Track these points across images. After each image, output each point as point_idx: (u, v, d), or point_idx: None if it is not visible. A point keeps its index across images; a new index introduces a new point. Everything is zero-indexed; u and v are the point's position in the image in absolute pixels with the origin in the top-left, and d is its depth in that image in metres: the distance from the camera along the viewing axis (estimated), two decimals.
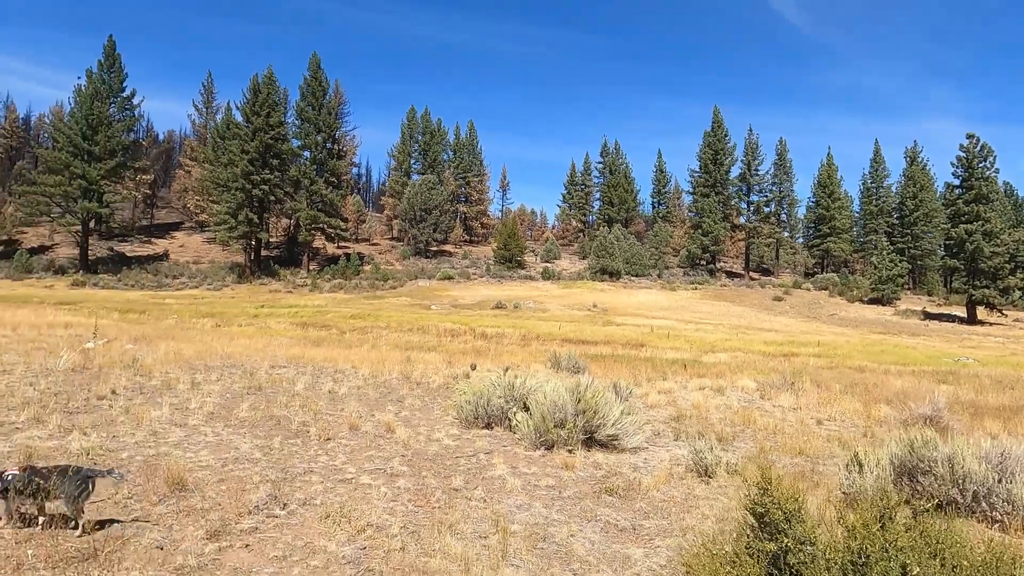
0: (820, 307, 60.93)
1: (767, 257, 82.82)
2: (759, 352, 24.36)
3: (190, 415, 6.57)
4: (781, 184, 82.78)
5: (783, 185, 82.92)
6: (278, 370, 11.86)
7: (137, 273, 55.00)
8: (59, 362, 10.70)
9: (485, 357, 17.42)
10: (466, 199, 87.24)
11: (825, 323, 50.10)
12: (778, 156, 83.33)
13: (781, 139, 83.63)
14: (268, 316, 31.26)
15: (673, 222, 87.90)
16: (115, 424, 5.92)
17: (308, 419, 6.78)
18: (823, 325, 47.85)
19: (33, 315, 23.93)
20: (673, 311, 50.44)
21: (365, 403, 8.18)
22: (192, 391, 8.39)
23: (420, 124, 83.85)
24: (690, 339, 28.76)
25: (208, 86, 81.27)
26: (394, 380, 11.21)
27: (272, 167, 59.33)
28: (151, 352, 13.95)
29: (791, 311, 58.25)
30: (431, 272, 62.27)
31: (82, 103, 57.71)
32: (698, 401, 9.67)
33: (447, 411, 7.87)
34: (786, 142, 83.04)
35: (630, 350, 22.57)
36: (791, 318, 53.53)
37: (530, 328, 30.29)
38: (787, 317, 54.18)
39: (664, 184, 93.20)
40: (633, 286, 65.98)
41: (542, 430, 5.80)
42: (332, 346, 18.48)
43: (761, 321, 48.43)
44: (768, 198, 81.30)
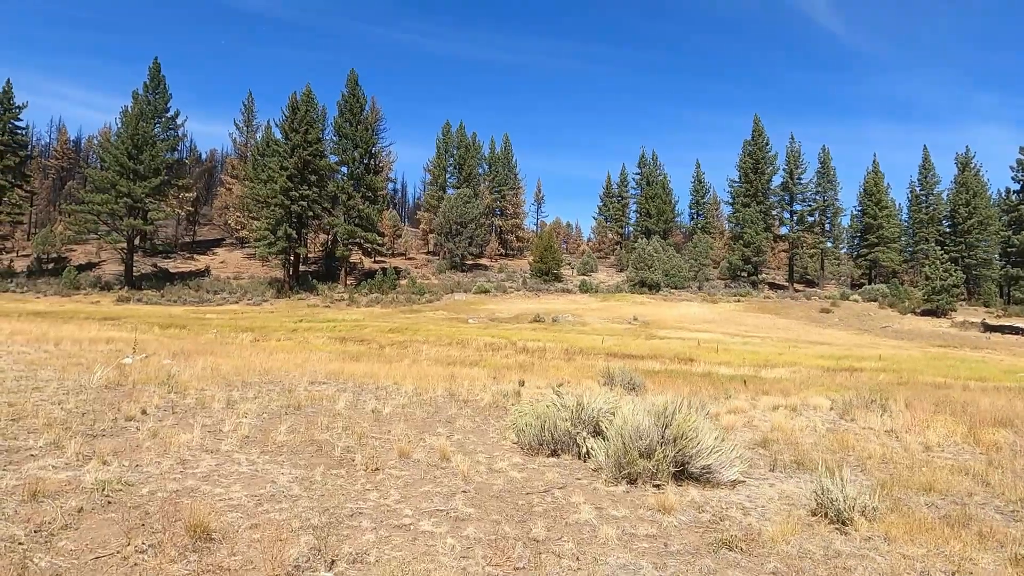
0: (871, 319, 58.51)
1: (811, 268, 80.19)
2: (817, 366, 22.99)
3: (223, 439, 5.90)
4: (825, 193, 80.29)
5: (827, 194, 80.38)
6: (317, 386, 11.23)
7: (180, 289, 55.77)
8: (93, 379, 10.25)
9: (531, 372, 16.61)
10: (501, 212, 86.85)
11: (878, 336, 47.92)
12: (821, 164, 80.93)
13: (824, 147, 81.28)
14: (307, 330, 30.98)
15: (712, 233, 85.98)
16: (140, 450, 5.27)
17: (352, 444, 6.05)
18: (877, 338, 45.72)
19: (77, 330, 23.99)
20: (717, 324, 48.89)
21: (413, 425, 7.43)
22: (227, 411, 7.76)
23: (455, 138, 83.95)
24: (740, 353, 27.45)
25: (248, 105, 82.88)
26: (440, 398, 10.46)
27: (310, 183, 59.78)
28: (188, 368, 13.50)
29: (840, 323, 56.07)
30: (467, 286, 61.79)
31: (128, 124, 59.14)
32: (778, 422, 8.67)
33: (504, 434, 7.07)
34: (829, 150, 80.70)
35: (681, 365, 21.47)
36: (841, 331, 51.43)
37: (572, 342, 29.37)
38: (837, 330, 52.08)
39: (703, 194, 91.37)
40: (673, 298, 64.45)
41: (623, 461, 4.94)
42: (372, 361, 17.89)
43: (810, 334, 46.55)
44: (812, 207, 78.91)
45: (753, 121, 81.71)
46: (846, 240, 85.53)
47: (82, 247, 66.59)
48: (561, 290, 64.39)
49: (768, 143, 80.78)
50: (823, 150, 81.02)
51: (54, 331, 22.42)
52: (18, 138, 62.01)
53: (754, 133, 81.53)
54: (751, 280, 73.26)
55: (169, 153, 63.83)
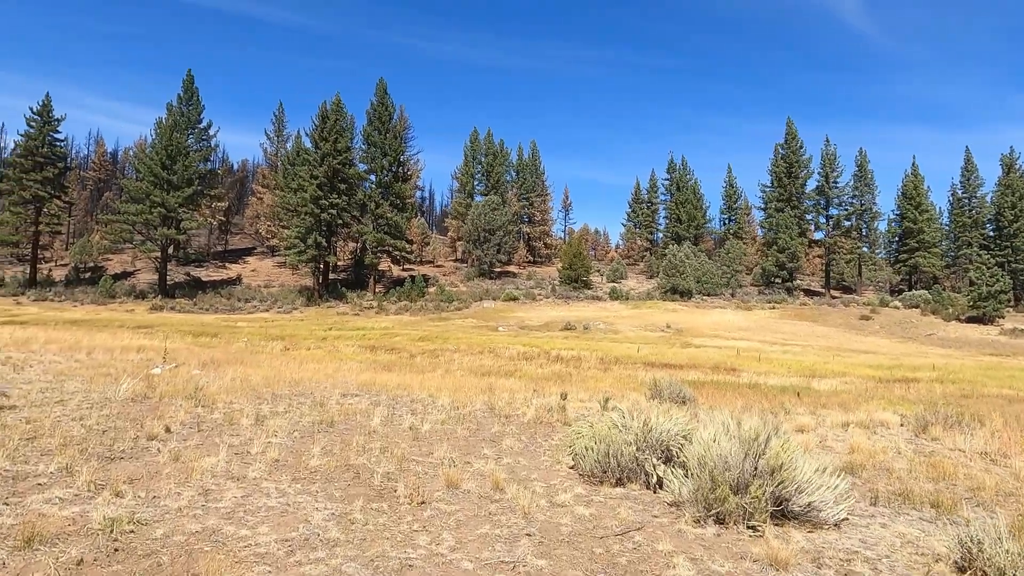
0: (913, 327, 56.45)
1: (848, 274, 77.93)
2: (868, 377, 21.83)
3: (251, 463, 5.31)
4: (862, 197, 78.03)
5: (864, 198, 78.10)
6: (350, 399, 10.67)
7: (212, 297, 56.19)
8: (118, 391, 9.84)
9: (569, 384, 15.88)
10: (529, 219, 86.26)
11: (924, 344, 46.09)
12: (858, 167, 78.72)
13: (861, 149, 79.21)
14: (336, 339, 30.66)
15: (744, 239, 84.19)
16: (159, 477, 4.70)
17: (392, 469, 5.42)
18: (923, 346, 43.94)
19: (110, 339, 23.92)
20: (753, 332, 47.53)
21: (455, 444, 6.79)
22: (256, 428, 7.20)
23: (483, 146, 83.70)
24: (783, 362, 26.33)
25: (279, 116, 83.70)
26: (479, 412, 9.80)
27: (340, 191, 59.92)
28: (217, 378, 13.07)
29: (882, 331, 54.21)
30: (496, 293, 61.21)
31: (162, 134, 59.99)
32: (856, 443, 7.83)
33: (556, 456, 6.38)
34: (866, 152, 78.48)
35: (724, 375, 20.51)
36: (883, 338, 49.66)
37: (606, 350, 28.53)
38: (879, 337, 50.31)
39: (735, 200, 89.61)
40: (706, 305, 63.05)
41: (711, 497, 4.22)
42: (403, 371, 17.35)
43: (851, 342, 44.95)
44: (848, 211, 76.69)
45: (786, 124, 79.94)
46: (884, 245, 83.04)
47: (118, 256, 67.70)
48: (591, 297, 63.45)
49: (802, 146, 78.89)
50: (860, 153, 78.88)
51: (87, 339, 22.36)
52: (57, 150, 63.30)
53: (787, 136, 79.72)
54: (786, 286, 71.38)
55: (202, 163, 64.62)
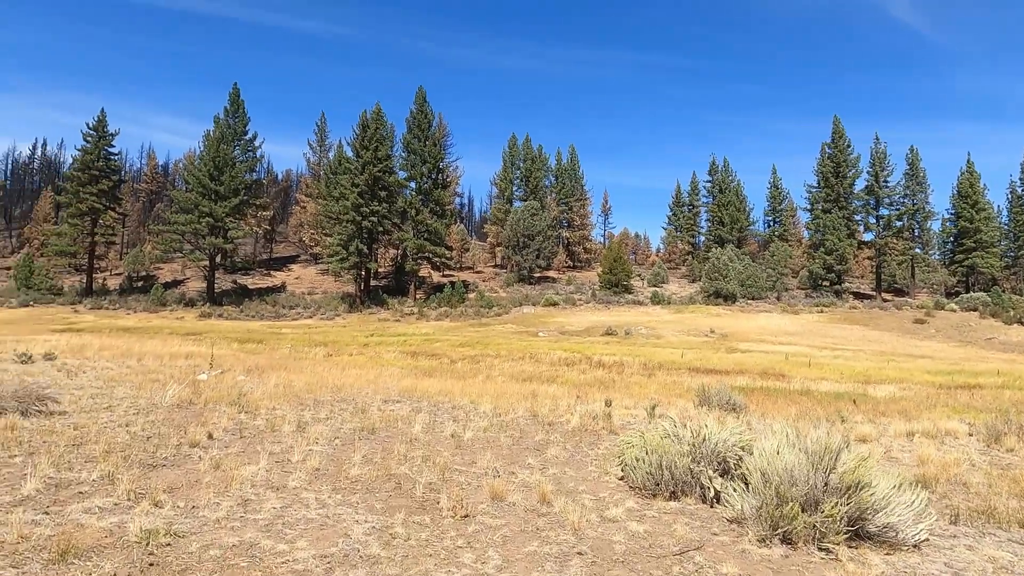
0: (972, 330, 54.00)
1: (899, 276, 75.10)
2: (927, 383, 20.81)
3: (291, 472, 5.19)
4: (914, 196, 75.17)
5: (916, 197, 75.22)
6: (391, 406, 10.58)
7: (257, 304, 57.39)
8: (164, 397, 9.95)
9: (612, 390, 15.53)
10: (568, 224, 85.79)
11: (984, 348, 44.00)
12: (909, 166, 75.90)
13: (912, 147, 76.23)
14: (378, 345, 30.86)
15: (790, 241, 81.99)
16: (199, 487, 4.61)
17: (435, 479, 5.23)
18: (984, 351, 41.94)
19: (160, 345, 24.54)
20: (801, 336, 46.14)
21: (498, 453, 6.57)
22: (297, 435, 7.12)
23: (521, 151, 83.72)
24: (835, 368, 25.37)
25: (321, 125, 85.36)
26: (522, 419, 9.58)
27: (380, 199, 60.60)
28: (261, 384, 13.17)
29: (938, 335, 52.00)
30: (535, 299, 60.95)
31: (210, 146, 61.72)
32: (925, 454, 7.33)
33: (603, 467, 6.11)
34: (917, 150, 75.61)
35: (773, 381, 19.81)
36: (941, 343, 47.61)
37: (648, 356, 27.99)
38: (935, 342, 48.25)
39: (779, 201, 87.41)
40: (751, 310, 61.55)
41: (776, 514, 3.89)
42: (444, 377, 17.25)
43: (907, 347, 43.21)
44: (900, 211, 73.92)
45: (832, 123, 77.64)
46: (937, 246, 79.81)
47: (168, 265, 69.88)
48: (632, 302, 62.62)
49: (849, 145, 76.48)
50: (911, 151, 76.07)
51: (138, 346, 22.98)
52: (111, 164, 65.75)
53: (834, 135, 77.43)
54: (834, 289, 69.19)
55: (248, 174, 66.23)
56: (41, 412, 7.77)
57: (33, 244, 71.40)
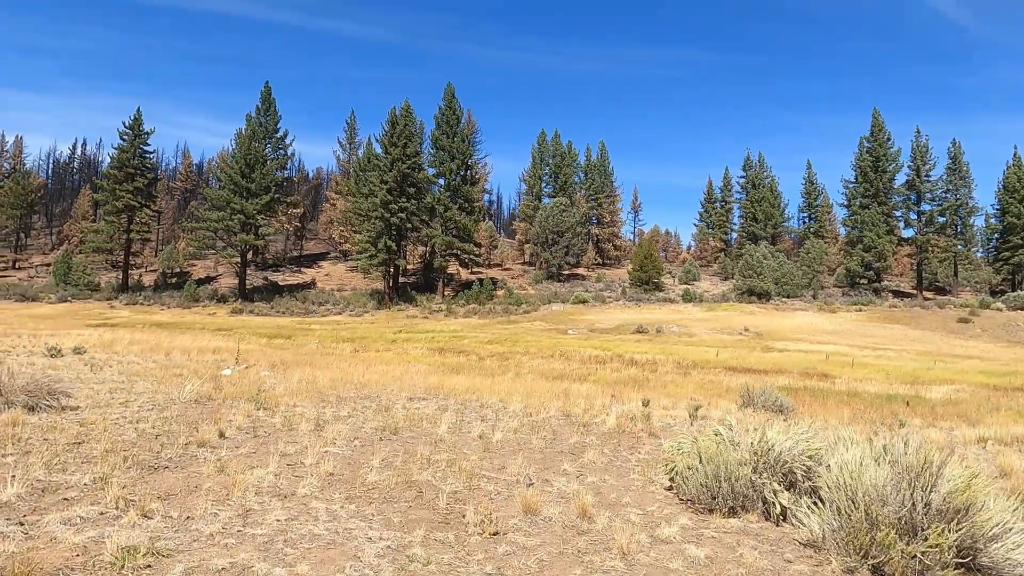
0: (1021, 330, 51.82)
1: (942, 274, 72.44)
2: (981, 384, 19.66)
3: (302, 477, 4.70)
4: (957, 191, 72.41)
5: (959, 192, 72.45)
6: (416, 403, 10.09)
7: (287, 301, 57.75)
8: (183, 393, 9.61)
9: (647, 389, 14.85)
10: (598, 221, 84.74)
11: None
12: (952, 160, 73.15)
13: (955, 140, 73.43)
14: (406, 341, 30.55)
15: (826, 238, 79.70)
16: (197, 493, 4.14)
17: (460, 488, 4.69)
18: None
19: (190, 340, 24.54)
20: (840, 335, 44.65)
21: (530, 458, 6.00)
22: (314, 435, 6.65)
23: (550, 147, 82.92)
24: (880, 368, 24.23)
25: (351, 123, 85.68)
26: (554, 420, 9.00)
27: (409, 195, 60.48)
28: (285, 380, 12.81)
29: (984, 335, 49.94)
30: (564, 296, 60.22)
31: (241, 144, 62.31)
32: (1007, 464, 6.57)
33: (647, 475, 5.49)
34: (960, 144, 72.77)
35: (816, 381, 18.88)
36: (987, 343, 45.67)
37: (682, 354, 27.15)
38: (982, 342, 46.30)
39: (815, 197, 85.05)
40: (786, 308, 59.93)
41: (865, 540, 3.25)
42: (472, 374, 16.75)
43: (952, 347, 41.48)
44: (942, 207, 71.21)
45: (872, 116, 75.12)
46: (981, 242, 76.80)
47: (202, 262, 70.82)
48: (662, 300, 61.49)
49: (889, 139, 73.90)
50: (954, 144, 73.29)
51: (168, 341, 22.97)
52: (147, 162, 66.84)
53: (873, 129, 74.94)
54: (872, 287, 67.02)
55: (278, 171, 66.73)
56: (52, 407, 7.45)
57: (72, 241, 73.02)
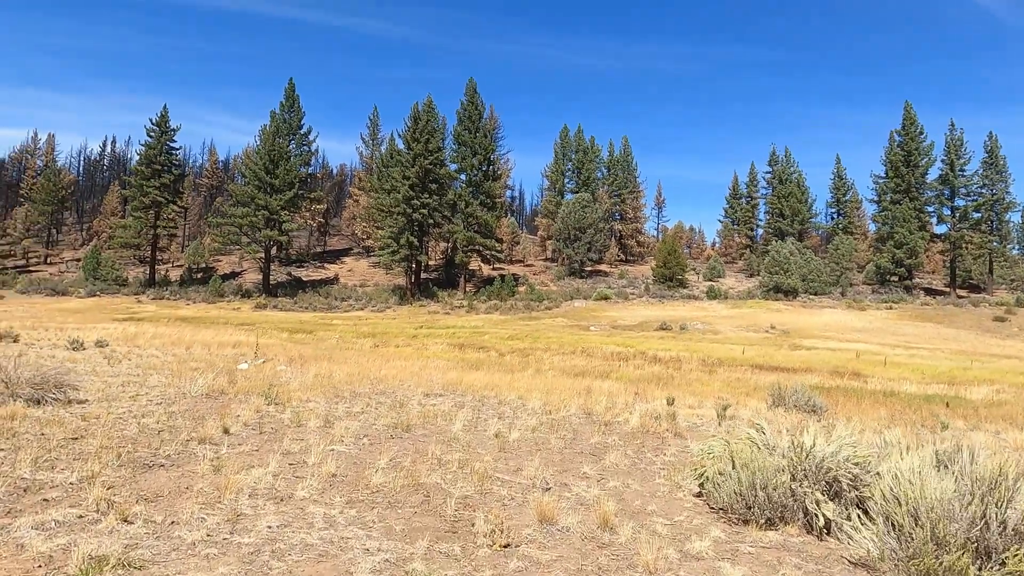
0: None
1: (976, 271, 70.29)
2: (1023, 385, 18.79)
3: (302, 478, 4.39)
4: (993, 186, 70.12)
5: (995, 187, 70.15)
6: (432, 400, 9.78)
7: (311, 296, 58.02)
8: (194, 387, 9.43)
9: (671, 387, 14.38)
10: (621, 217, 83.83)
11: None
12: (988, 154, 70.82)
13: (991, 134, 71.05)
14: (426, 336, 30.36)
15: (855, 234, 77.83)
16: (187, 495, 3.85)
17: (471, 492, 4.34)
18: None
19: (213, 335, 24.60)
20: (870, 333, 43.49)
21: (548, 459, 5.64)
22: (322, 432, 6.36)
23: (573, 143, 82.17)
24: (914, 367, 23.40)
25: (374, 119, 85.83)
26: (574, 418, 8.62)
27: (431, 191, 60.35)
28: (301, 374, 12.61)
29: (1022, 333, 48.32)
30: (587, 292, 59.63)
31: (265, 140, 62.71)
32: None
33: (675, 479, 5.09)
34: (997, 137, 70.44)
35: (848, 380, 18.21)
36: None
37: (707, 352, 26.54)
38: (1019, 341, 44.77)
39: (844, 192, 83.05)
40: (813, 305, 58.65)
41: (931, 564, 2.83)
42: (492, 370, 16.43)
43: (987, 346, 40.15)
44: (977, 202, 69.04)
45: (903, 109, 73.03)
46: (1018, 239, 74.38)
47: (227, 258, 71.52)
48: (686, 296, 60.58)
49: (922, 132, 71.81)
50: (990, 137, 70.96)
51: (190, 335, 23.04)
52: (173, 158, 67.59)
53: (904, 122, 72.91)
54: (903, 285, 65.26)
55: (302, 167, 67.05)
56: (58, 400, 7.28)
57: (101, 237, 74.28)
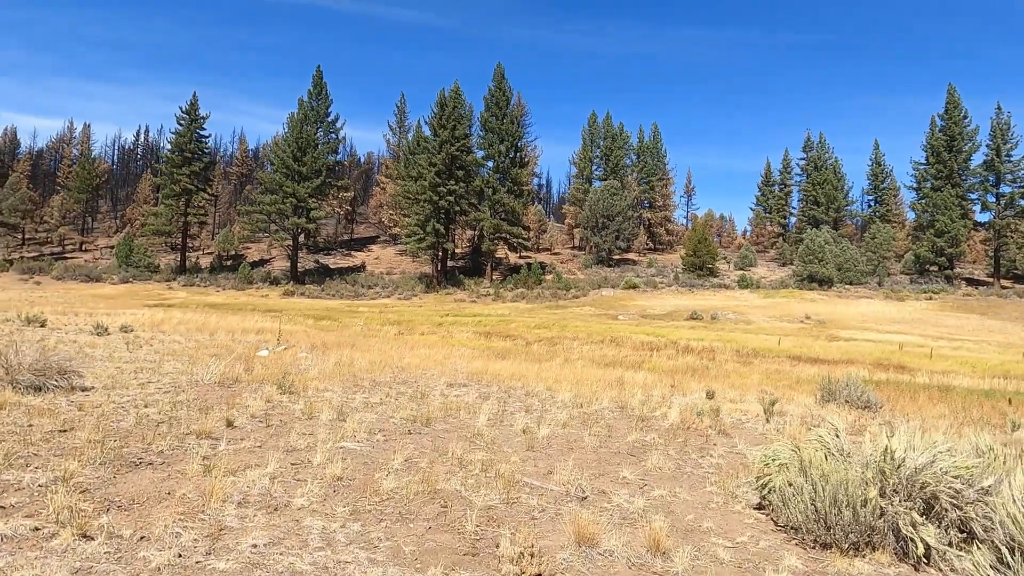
0: None
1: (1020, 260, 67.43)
2: None
3: (304, 482, 3.85)
4: None
5: None
6: (456, 391, 9.23)
7: (338, 284, 58.10)
8: (208, 374, 9.01)
9: (708, 378, 13.63)
10: (650, 204, 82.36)
11: None
12: None
13: None
14: (452, 324, 29.90)
15: (893, 222, 75.28)
16: (168, 501, 3.32)
17: (496, 501, 3.76)
18: None
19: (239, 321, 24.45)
20: (910, 324, 41.91)
21: (582, 459, 5.02)
22: (334, 425, 5.84)
23: (601, 129, 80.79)
24: (962, 360, 22.22)
25: (401, 107, 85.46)
26: (608, 412, 7.99)
27: (457, 178, 59.83)
28: (322, 362, 12.18)
29: None
30: (614, 281, 58.67)
31: (293, 128, 62.77)
32: None
33: (728, 486, 4.44)
34: None
35: (893, 374, 17.22)
36: None
37: (741, 342, 25.61)
38: None
39: (881, 179, 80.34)
40: (849, 295, 56.94)
41: None
42: (518, 359, 15.83)
43: None
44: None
45: (947, 92, 70.16)
46: None
47: (256, 245, 72.07)
48: (717, 285, 59.25)
49: (966, 116, 68.89)
50: None
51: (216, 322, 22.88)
52: (203, 146, 68.04)
53: (948, 106, 70.03)
54: (944, 275, 62.97)
55: (330, 155, 66.98)
56: (59, 387, 6.90)
57: (134, 224, 75.36)
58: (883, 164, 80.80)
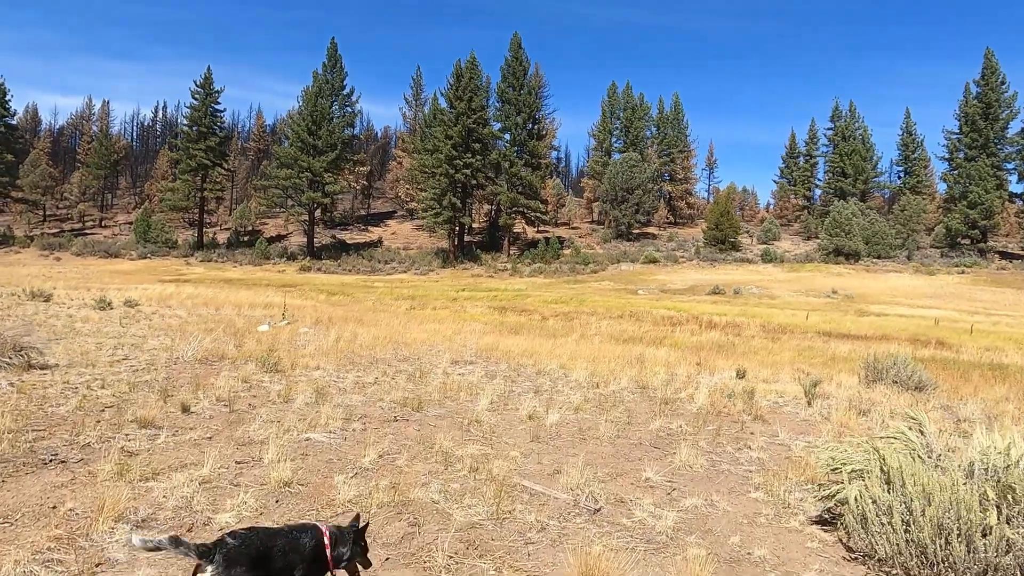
0: None
1: None
2: None
3: (239, 488, 3.06)
4: None
5: None
6: (460, 369, 8.42)
7: (354, 259, 57.57)
8: (190, 350, 8.31)
9: (735, 356, 12.68)
10: (670, 177, 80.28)
11: None
12: None
13: None
14: (467, 299, 29.15)
15: (923, 194, 72.55)
16: (43, 521, 2.55)
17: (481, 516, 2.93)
18: None
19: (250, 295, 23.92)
20: (942, 299, 40.32)
21: (596, 454, 4.18)
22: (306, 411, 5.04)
23: (621, 100, 78.60)
24: (1005, 336, 20.96)
25: (417, 80, 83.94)
26: (627, 393, 7.13)
27: (474, 151, 58.59)
28: (322, 337, 11.46)
29: None
30: (634, 255, 57.38)
31: (308, 101, 61.84)
32: None
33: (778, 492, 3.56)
34: None
35: (934, 350, 16.11)
36: None
37: (766, 317, 24.52)
38: None
39: (912, 149, 77.28)
40: (877, 269, 55.15)
41: None
42: (532, 334, 15.00)
43: None
44: None
45: (984, 58, 66.92)
46: None
47: (273, 220, 71.69)
48: (739, 260, 57.70)
49: (1004, 82, 65.75)
50: None
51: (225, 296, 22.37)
52: (218, 120, 67.39)
53: (984, 72, 66.86)
54: (977, 248, 60.71)
55: (345, 129, 65.99)
56: (11, 365, 6.20)
57: (152, 200, 75.35)
58: (914, 133, 77.75)
